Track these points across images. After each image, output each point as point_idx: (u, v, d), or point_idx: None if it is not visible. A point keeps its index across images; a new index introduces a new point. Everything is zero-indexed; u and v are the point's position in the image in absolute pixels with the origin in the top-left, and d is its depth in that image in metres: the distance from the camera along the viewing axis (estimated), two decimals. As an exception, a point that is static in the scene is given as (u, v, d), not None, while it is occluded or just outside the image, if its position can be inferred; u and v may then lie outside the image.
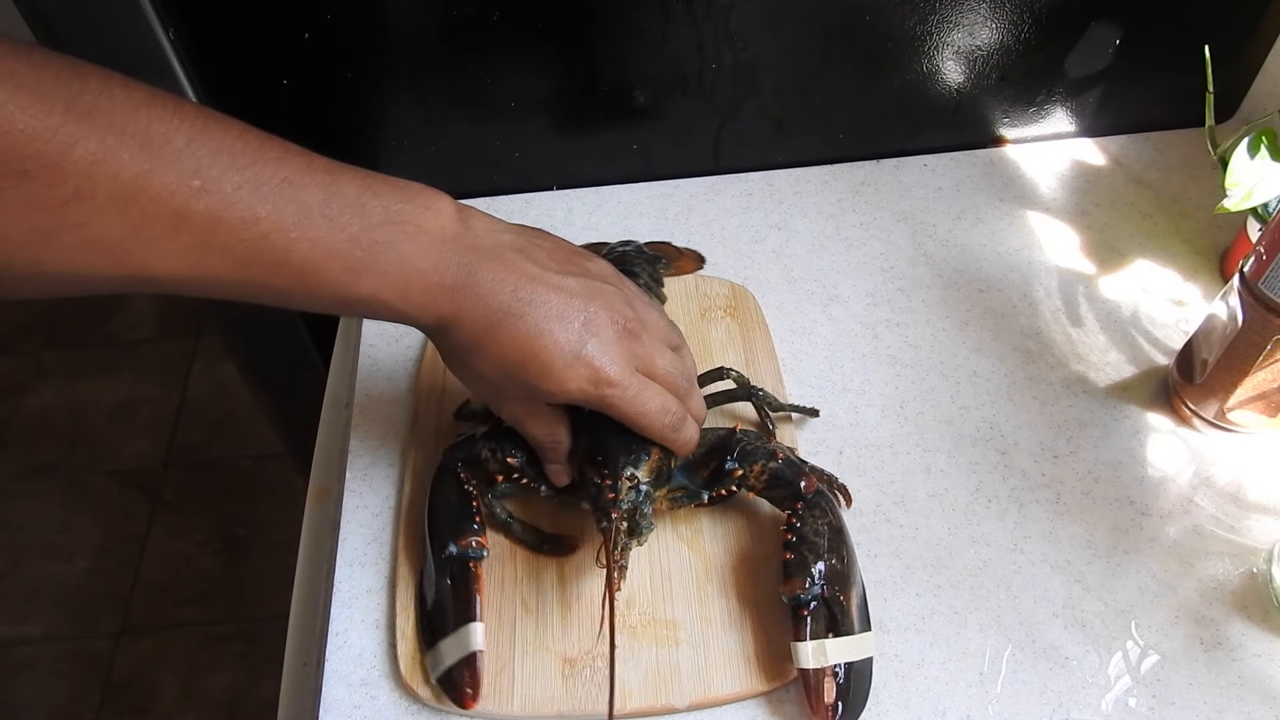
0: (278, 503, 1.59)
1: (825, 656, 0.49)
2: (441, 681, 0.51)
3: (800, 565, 0.51)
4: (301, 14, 0.66)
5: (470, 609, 0.52)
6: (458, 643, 0.51)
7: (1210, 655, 0.52)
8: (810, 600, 0.50)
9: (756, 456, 0.54)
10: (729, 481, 0.54)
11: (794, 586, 0.51)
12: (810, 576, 0.51)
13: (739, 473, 0.54)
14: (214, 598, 1.50)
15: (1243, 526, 0.58)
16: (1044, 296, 0.70)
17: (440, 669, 0.51)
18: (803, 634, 0.50)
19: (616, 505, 0.50)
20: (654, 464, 0.52)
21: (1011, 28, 0.72)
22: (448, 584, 0.53)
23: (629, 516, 0.51)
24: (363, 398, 0.66)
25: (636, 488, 0.51)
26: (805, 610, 0.50)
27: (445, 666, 0.51)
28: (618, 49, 0.71)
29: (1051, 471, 0.60)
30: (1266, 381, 0.57)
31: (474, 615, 0.52)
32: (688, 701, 0.51)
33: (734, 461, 0.54)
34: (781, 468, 0.54)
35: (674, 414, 0.50)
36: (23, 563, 1.55)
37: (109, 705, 1.40)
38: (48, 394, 1.76)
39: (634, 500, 0.51)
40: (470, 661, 0.51)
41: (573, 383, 0.47)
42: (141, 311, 1.88)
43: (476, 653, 0.51)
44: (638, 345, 0.49)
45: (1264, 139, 0.62)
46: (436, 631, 0.52)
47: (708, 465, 0.55)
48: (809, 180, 0.79)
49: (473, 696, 0.50)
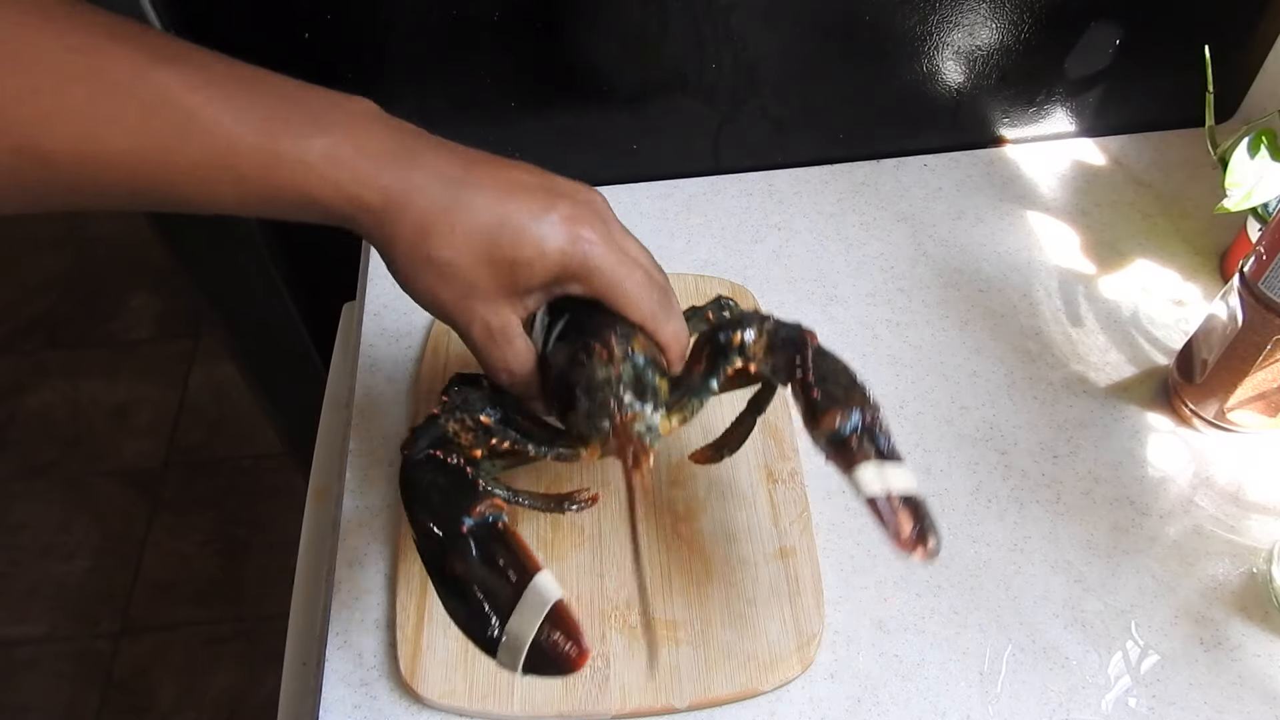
0: (278, 503, 1.60)
1: (887, 481, 0.44)
2: (532, 667, 0.41)
3: (830, 398, 0.46)
4: (301, 14, 0.66)
5: (525, 566, 0.42)
6: (530, 607, 0.41)
7: (1210, 655, 0.52)
8: (852, 429, 0.45)
9: (748, 320, 0.49)
10: (732, 356, 0.49)
11: (830, 420, 0.45)
12: (847, 407, 0.46)
13: (738, 339, 0.48)
14: (214, 598, 1.50)
15: (1243, 526, 0.58)
16: (1044, 296, 0.70)
17: (521, 653, 0.41)
18: (858, 458, 0.45)
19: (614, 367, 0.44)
20: (643, 344, 0.46)
21: (1011, 28, 0.72)
22: (480, 560, 0.43)
23: (633, 384, 0.45)
24: (363, 398, 0.66)
25: (629, 358, 0.45)
26: (852, 439, 0.45)
27: (526, 644, 0.41)
28: (618, 49, 0.71)
29: (1051, 471, 0.60)
30: (1266, 381, 0.57)
31: (533, 569, 0.42)
32: (688, 701, 0.51)
33: (728, 331, 0.49)
34: (777, 326, 0.49)
35: (656, 289, 0.46)
36: (23, 563, 1.55)
37: (109, 705, 1.40)
38: (48, 394, 1.76)
39: (634, 367, 0.45)
40: (557, 616, 0.41)
41: (551, 241, 0.42)
42: (141, 311, 1.88)
43: (558, 602, 0.41)
44: (611, 225, 0.45)
45: (1264, 139, 0.62)
46: (500, 615, 0.42)
47: (701, 355, 0.50)
48: (809, 180, 0.79)
49: (581, 651, 0.41)
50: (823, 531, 0.58)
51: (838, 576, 0.56)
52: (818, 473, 0.60)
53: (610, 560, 0.56)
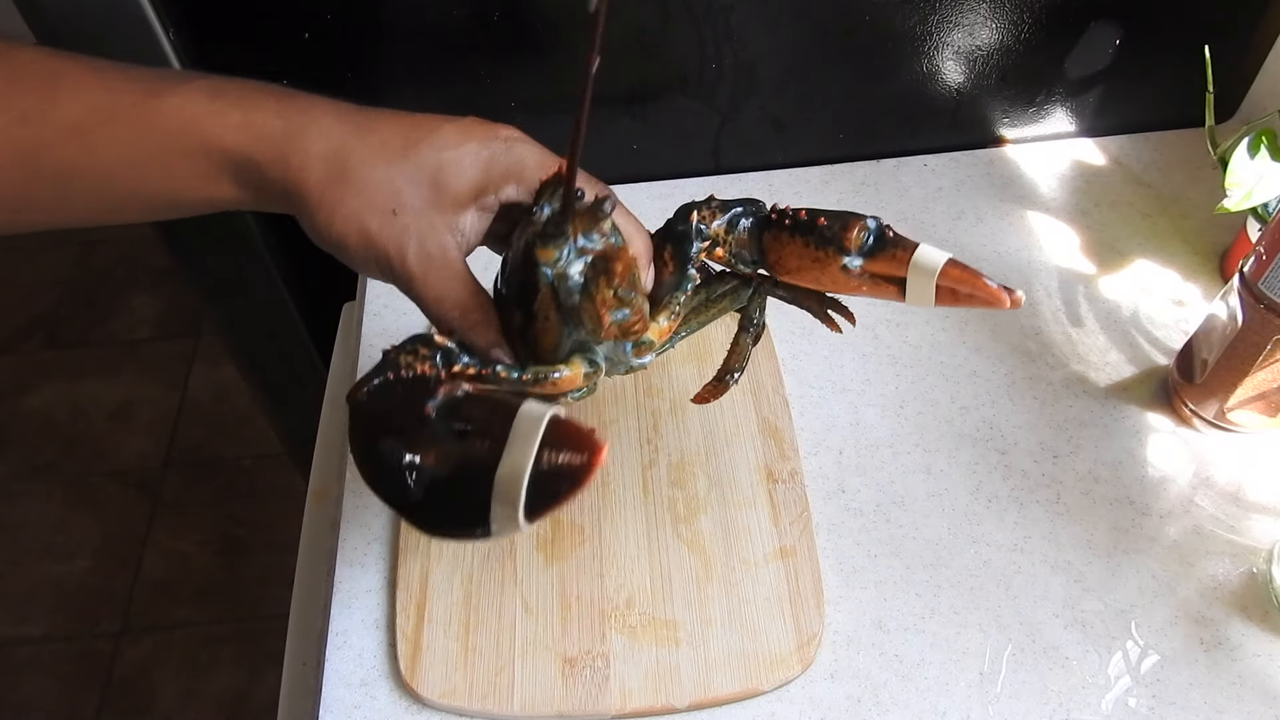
0: (278, 503, 1.59)
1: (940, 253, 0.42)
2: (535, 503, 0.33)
3: (837, 216, 0.43)
4: (301, 14, 0.66)
5: (506, 403, 0.35)
6: (520, 436, 0.33)
7: (1210, 655, 0.52)
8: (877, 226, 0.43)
9: (695, 204, 0.46)
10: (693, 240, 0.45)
11: (853, 230, 0.42)
12: (857, 216, 0.43)
13: (692, 217, 0.45)
14: (214, 598, 1.50)
15: (1243, 526, 0.58)
16: (1044, 296, 0.70)
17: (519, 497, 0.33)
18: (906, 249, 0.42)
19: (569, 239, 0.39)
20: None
21: (1011, 28, 0.72)
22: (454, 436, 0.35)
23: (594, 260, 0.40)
24: (363, 398, 0.66)
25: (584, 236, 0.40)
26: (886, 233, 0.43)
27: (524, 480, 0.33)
28: (618, 49, 0.71)
29: (1051, 471, 0.60)
30: (1266, 381, 0.57)
31: (515, 404, 0.35)
32: (688, 701, 0.51)
33: (681, 220, 0.46)
34: (726, 202, 0.46)
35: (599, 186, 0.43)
36: (23, 563, 1.55)
37: (109, 705, 1.40)
38: (48, 394, 1.76)
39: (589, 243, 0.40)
40: (556, 430, 0.33)
41: (474, 138, 0.40)
42: (141, 311, 1.88)
43: (554, 416, 0.34)
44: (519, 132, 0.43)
45: (1264, 139, 0.62)
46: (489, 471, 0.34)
47: (665, 257, 0.46)
48: (809, 180, 0.79)
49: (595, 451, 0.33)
50: (823, 531, 0.58)
51: (837, 577, 0.56)
52: (818, 473, 0.60)
53: (610, 560, 0.56)
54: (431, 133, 0.40)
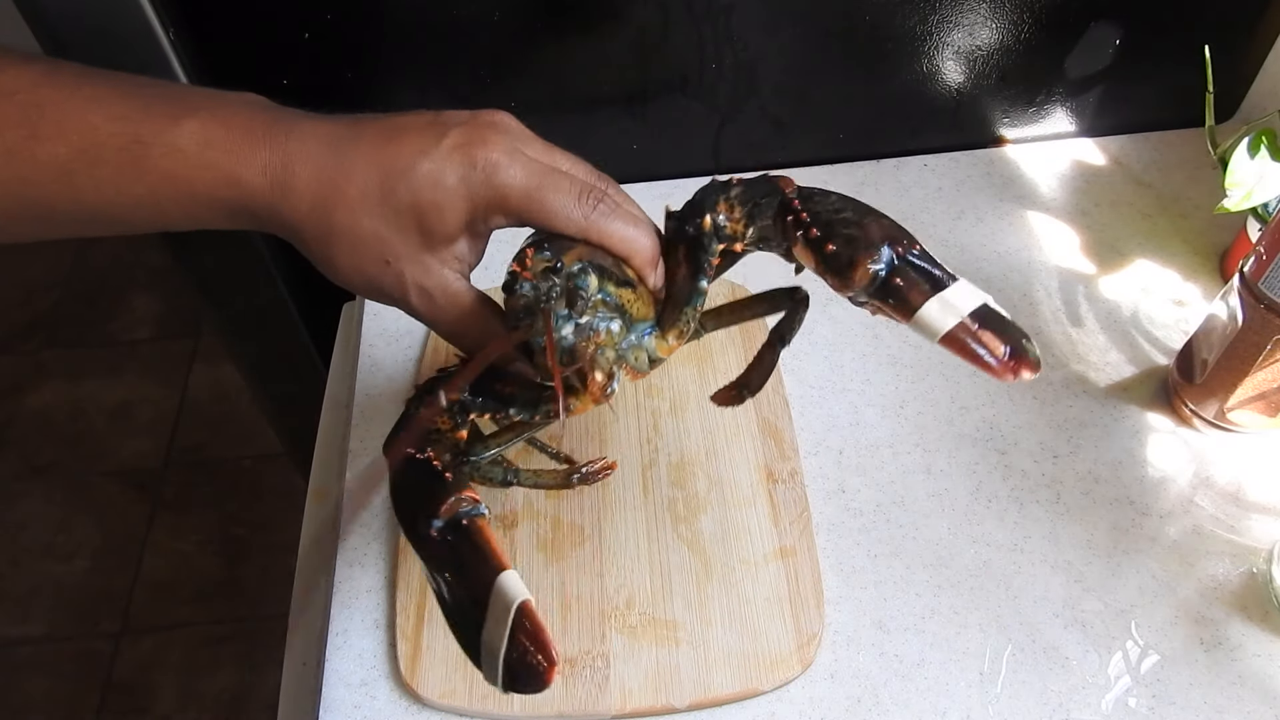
0: (278, 503, 1.59)
1: (954, 307, 0.37)
2: (511, 679, 0.36)
3: (848, 243, 0.38)
4: (301, 14, 0.66)
5: (491, 562, 0.38)
6: (496, 613, 0.37)
7: (1210, 655, 0.52)
8: (887, 267, 0.37)
9: (712, 196, 0.42)
10: (708, 246, 0.42)
11: (859, 269, 0.37)
12: (870, 246, 0.38)
13: (707, 223, 0.42)
14: (214, 598, 1.50)
15: (1243, 526, 0.58)
16: (1044, 296, 0.70)
17: (498, 667, 0.36)
18: (914, 300, 0.37)
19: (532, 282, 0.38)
20: (584, 251, 0.41)
21: (1011, 28, 0.72)
22: (448, 568, 0.39)
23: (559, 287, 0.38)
24: (363, 398, 0.66)
25: (558, 270, 0.39)
26: (893, 280, 0.37)
27: (500, 656, 0.36)
28: (618, 49, 0.71)
29: (1051, 471, 0.60)
30: (1266, 381, 0.57)
31: (497, 568, 0.38)
32: (687, 701, 0.51)
33: (693, 220, 0.42)
34: (746, 190, 0.42)
35: (591, 191, 0.40)
36: (23, 563, 1.55)
37: (109, 705, 1.40)
38: (48, 394, 1.76)
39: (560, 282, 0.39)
40: (522, 623, 0.36)
41: (450, 173, 0.38)
42: (141, 311, 1.88)
43: (523, 604, 0.36)
44: (519, 134, 0.40)
45: (1264, 139, 0.62)
46: (474, 622, 0.37)
47: (679, 263, 0.43)
48: (809, 180, 0.79)
49: (550, 664, 0.35)
50: (823, 531, 0.58)
51: (837, 577, 0.56)
52: (818, 473, 0.60)
53: (610, 560, 0.56)
54: (407, 172, 0.38)
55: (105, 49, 0.64)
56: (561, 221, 0.40)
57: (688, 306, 0.43)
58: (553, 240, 0.41)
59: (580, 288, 0.39)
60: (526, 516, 0.58)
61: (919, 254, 0.38)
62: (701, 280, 0.43)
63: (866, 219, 0.39)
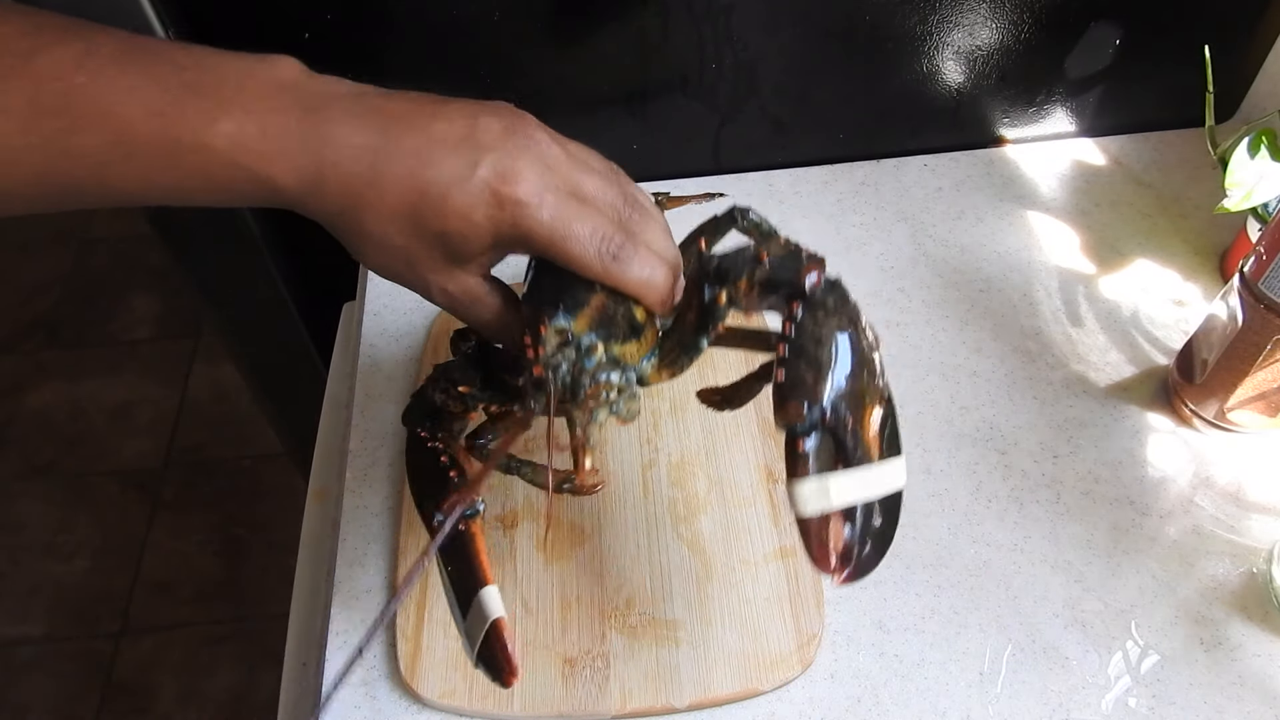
0: (278, 503, 1.60)
1: (829, 497, 0.39)
2: (481, 665, 0.43)
3: (795, 386, 0.39)
4: (301, 14, 0.66)
5: (476, 575, 0.44)
6: (476, 619, 0.43)
7: (1210, 655, 0.52)
8: (809, 429, 0.39)
9: (737, 269, 0.43)
10: (718, 314, 0.44)
11: (789, 414, 0.39)
12: (808, 398, 0.39)
13: (723, 297, 0.43)
14: (214, 598, 1.50)
15: (1243, 526, 0.58)
16: (1044, 296, 0.70)
17: (474, 652, 0.43)
18: (800, 471, 0.39)
19: (543, 363, 0.40)
20: (596, 312, 0.42)
21: (1011, 28, 0.72)
22: (451, 555, 0.45)
23: (575, 383, 0.41)
24: (363, 398, 0.66)
25: (570, 342, 0.41)
26: (801, 440, 0.39)
27: (476, 646, 0.43)
28: (618, 49, 0.71)
29: (1051, 471, 0.60)
30: (1266, 381, 0.57)
31: (480, 581, 0.44)
32: (687, 701, 0.51)
33: (713, 286, 0.43)
34: (772, 271, 0.42)
35: (611, 239, 0.41)
36: (23, 563, 1.55)
37: (109, 705, 1.40)
38: (48, 394, 1.76)
39: (569, 358, 0.41)
40: (494, 633, 0.42)
41: (479, 210, 0.39)
42: (141, 311, 1.88)
43: (496, 621, 0.42)
44: (551, 158, 0.41)
45: (1264, 139, 0.62)
46: (460, 613, 0.45)
47: (690, 306, 0.45)
48: (809, 180, 0.79)
49: (510, 672, 0.42)
50: (823, 531, 0.58)
51: (838, 576, 0.56)
52: (818, 473, 0.60)
53: (610, 560, 0.56)
54: (438, 203, 0.39)
55: (105, 49, 0.64)
56: (581, 268, 0.41)
57: (685, 355, 0.45)
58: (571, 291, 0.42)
59: (586, 368, 0.41)
60: (526, 516, 0.58)
61: (852, 426, 0.39)
62: (704, 340, 0.45)
63: (836, 370, 0.40)
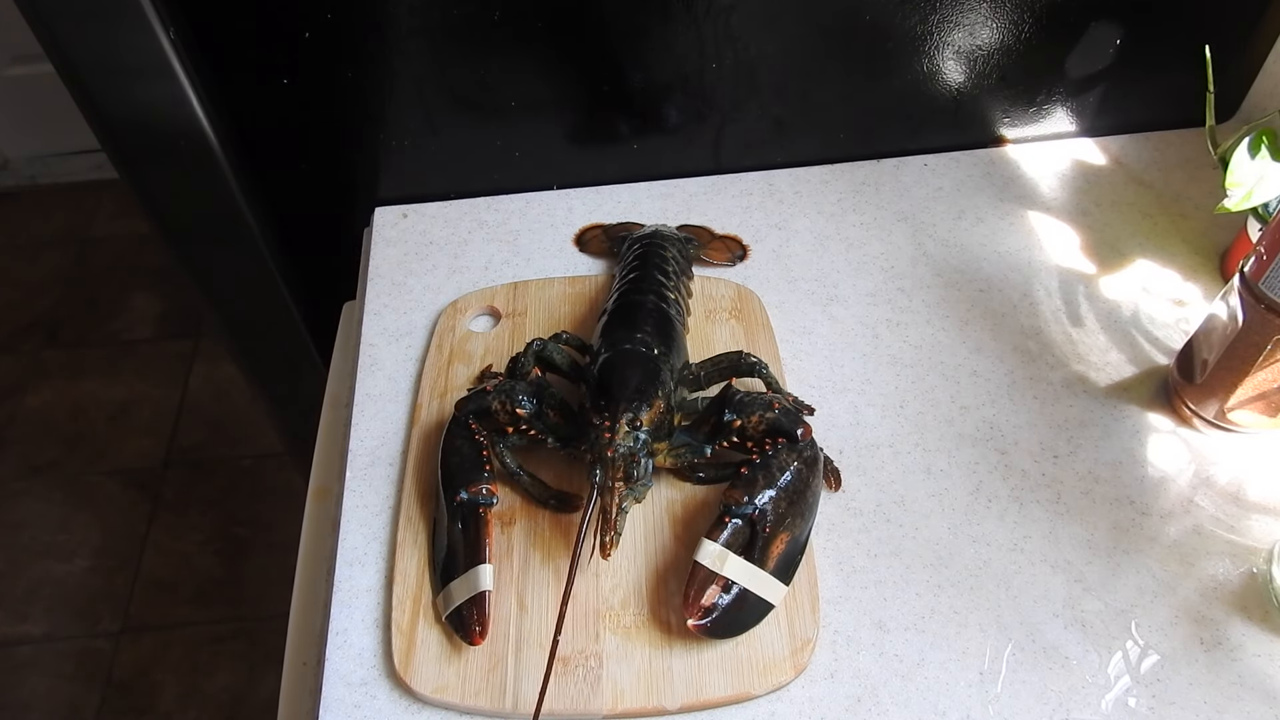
0: (278, 503, 1.59)
1: (723, 565, 0.51)
2: (451, 620, 0.53)
3: (749, 484, 0.53)
4: (301, 14, 0.66)
5: (480, 552, 0.54)
6: (467, 583, 0.53)
7: (1210, 655, 0.52)
8: (739, 515, 0.52)
9: (754, 407, 0.55)
10: (728, 433, 0.55)
11: (732, 496, 0.53)
12: (751, 496, 0.52)
13: (738, 423, 0.55)
14: (214, 598, 1.50)
15: (1243, 526, 0.58)
16: (1044, 296, 0.70)
17: (450, 607, 0.53)
18: (715, 535, 0.52)
19: (614, 446, 0.52)
20: (656, 414, 0.54)
21: (1012, 28, 0.72)
22: (459, 529, 0.55)
23: (625, 462, 0.52)
24: (363, 398, 0.66)
25: (636, 433, 0.53)
26: (728, 518, 0.52)
27: (455, 605, 0.53)
28: (618, 49, 0.71)
29: (1051, 471, 0.60)
30: (1266, 381, 0.57)
31: (483, 558, 0.54)
32: (679, 703, 0.51)
33: (731, 413, 0.55)
34: (779, 417, 0.55)
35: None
36: (23, 562, 1.55)
37: (109, 705, 1.40)
38: (48, 394, 1.76)
39: (630, 446, 0.52)
40: (479, 601, 0.53)
41: None
42: (141, 311, 1.88)
43: (485, 592, 0.53)
44: None
45: (1264, 139, 0.62)
46: (448, 574, 0.54)
47: (708, 420, 0.57)
48: (809, 180, 0.79)
49: (481, 633, 0.52)
50: (822, 532, 0.58)
51: (837, 576, 0.56)
52: (817, 473, 0.60)
53: (607, 561, 0.56)
54: None
55: (105, 49, 0.64)
56: None
57: (690, 453, 0.57)
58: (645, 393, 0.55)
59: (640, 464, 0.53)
60: (529, 514, 0.58)
61: (767, 536, 0.52)
62: (708, 449, 0.56)
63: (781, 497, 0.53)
